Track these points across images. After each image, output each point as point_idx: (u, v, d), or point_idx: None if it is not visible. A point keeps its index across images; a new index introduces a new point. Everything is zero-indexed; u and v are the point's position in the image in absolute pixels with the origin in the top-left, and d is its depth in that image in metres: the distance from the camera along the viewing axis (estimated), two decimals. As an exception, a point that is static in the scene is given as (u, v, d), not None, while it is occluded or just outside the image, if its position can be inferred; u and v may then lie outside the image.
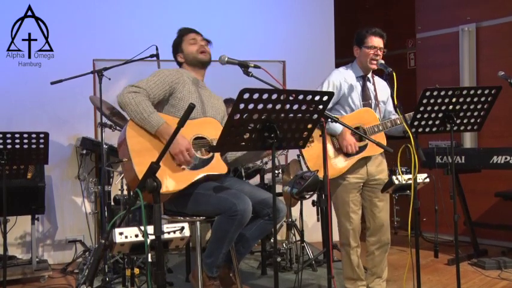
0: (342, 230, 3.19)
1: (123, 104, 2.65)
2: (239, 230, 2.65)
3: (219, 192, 2.66)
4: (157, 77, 2.76)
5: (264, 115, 2.14)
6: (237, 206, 2.55)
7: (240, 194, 2.64)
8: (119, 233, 1.91)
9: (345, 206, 3.13)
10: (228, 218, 2.58)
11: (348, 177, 3.11)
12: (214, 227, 2.70)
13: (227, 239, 2.64)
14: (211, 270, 2.75)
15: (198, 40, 2.96)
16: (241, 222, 2.58)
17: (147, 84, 2.71)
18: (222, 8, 5.03)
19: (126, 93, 2.65)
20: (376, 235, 3.20)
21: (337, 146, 3.12)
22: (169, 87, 2.77)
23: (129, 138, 2.61)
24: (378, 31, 3.13)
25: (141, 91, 2.67)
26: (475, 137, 5.09)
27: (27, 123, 4.34)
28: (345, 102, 3.15)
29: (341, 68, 3.25)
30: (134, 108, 2.62)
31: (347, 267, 3.21)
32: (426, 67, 5.54)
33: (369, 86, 3.20)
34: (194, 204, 2.70)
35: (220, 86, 3.17)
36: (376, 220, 3.18)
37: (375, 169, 3.16)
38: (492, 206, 4.96)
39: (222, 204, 2.60)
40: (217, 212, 2.65)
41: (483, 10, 5.10)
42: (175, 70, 2.87)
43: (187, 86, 2.83)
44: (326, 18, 5.42)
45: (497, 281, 3.78)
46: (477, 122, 2.76)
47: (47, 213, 4.46)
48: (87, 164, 4.64)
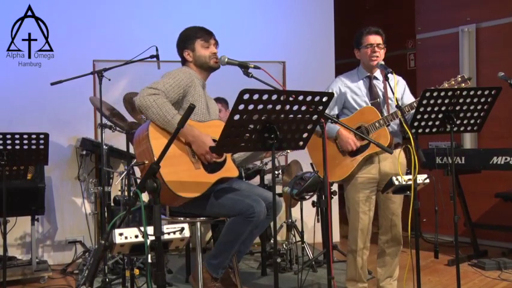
0: (350, 229, 3.19)
1: (143, 107, 2.58)
2: (255, 232, 2.70)
3: (234, 194, 2.69)
4: (173, 79, 2.71)
5: (264, 116, 2.14)
6: (254, 208, 2.58)
7: (255, 196, 2.67)
8: (118, 233, 1.91)
9: (354, 206, 3.13)
10: (244, 220, 2.60)
11: (358, 176, 3.11)
12: (227, 228, 2.71)
13: (240, 240, 2.67)
14: (216, 271, 2.76)
15: (213, 46, 2.91)
16: (256, 224, 2.62)
17: (164, 86, 2.66)
18: (222, 8, 5.03)
19: (146, 96, 2.59)
20: (387, 234, 3.21)
21: (341, 148, 3.13)
22: (183, 90, 2.74)
23: (152, 139, 2.56)
24: (372, 29, 3.14)
25: (160, 93, 2.62)
26: (475, 137, 5.09)
27: (27, 123, 4.34)
28: (350, 106, 3.17)
29: (342, 75, 3.27)
30: (157, 111, 2.57)
31: (351, 268, 3.21)
32: (426, 68, 5.54)
33: (377, 84, 3.19)
34: (211, 206, 2.70)
35: (220, 86, 3.17)
36: (388, 221, 3.19)
37: (388, 168, 3.10)
38: (492, 206, 4.95)
39: (239, 205, 2.62)
40: (233, 214, 2.66)
41: (483, 11, 5.10)
42: (187, 72, 2.82)
43: (197, 88, 2.82)
44: (326, 19, 5.42)
45: (497, 282, 3.78)
46: (477, 123, 2.76)
47: (47, 214, 4.46)
48: (87, 165, 4.64)
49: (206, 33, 2.92)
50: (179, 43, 2.95)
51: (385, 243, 3.23)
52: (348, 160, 3.10)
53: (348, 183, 3.15)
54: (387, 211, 3.18)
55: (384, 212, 3.20)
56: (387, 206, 3.18)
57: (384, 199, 3.17)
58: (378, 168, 3.11)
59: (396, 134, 3.15)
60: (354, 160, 3.08)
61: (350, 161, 3.10)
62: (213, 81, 3.09)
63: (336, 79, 3.26)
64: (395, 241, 3.21)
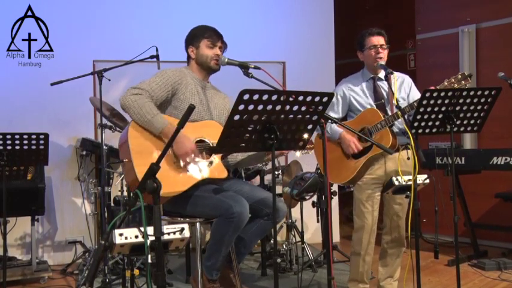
0: (355, 229, 3.19)
1: (125, 107, 2.64)
2: (237, 233, 2.64)
3: (216, 194, 2.66)
4: (160, 77, 2.74)
5: (264, 116, 2.14)
6: (234, 208, 2.54)
7: (237, 197, 2.63)
8: (118, 234, 1.91)
9: (359, 206, 3.14)
10: (225, 221, 2.57)
11: (363, 177, 3.12)
12: (212, 229, 2.70)
13: (225, 241, 2.63)
14: (210, 273, 2.75)
15: (218, 48, 2.91)
16: (238, 224, 2.57)
17: (150, 85, 2.69)
18: (222, 8, 5.03)
19: (129, 96, 2.64)
20: (391, 234, 3.21)
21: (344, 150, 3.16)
22: (171, 87, 2.75)
23: (131, 138, 2.61)
24: (375, 30, 3.14)
25: (143, 93, 2.65)
26: (475, 138, 5.09)
27: (27, 124, 4.34)
28: (355, 109, 3.17)
29: (347, 78, 3.28)
30: (137, 111, 2.61)
31: (354, 268, 3.21)
32: (426, 68, 5.54)
33: (381, 85, 3.18)
34: (192, 205, 2.70)
35: (220, 87, 3.16)
36: (392, 222, 3.20)
37: (396, 167, 3.08)
38: (492, 207, 4.95)
39: (219, 206, 2.59)
40: (214, 214, 2.64)
41: (483, 11, 5.10)
42: (178, 70, 2.84)
43: (190, 87, 2.82)
44: (326, 19, 5.42)
45: (498, 282, 3.78)
46: (477, 123, 2.76)
47: (47, 214, 4.45)
48: (87, 165, 4.64)
49: (215, 35, 2.92)
50: (187, 39, 2.97)
51: (387, 243, 3.24)
52: (352, 162, 3.13)
53: (355, 185, 3.18)
54: (391, 211, 3.19)
55: (388, 212, 3.21)
56: (391, 206, 3.18)
57: (388, 199, 3.18)
58: (383, 168, 3.11)
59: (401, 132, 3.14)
60: (358, 162, 3.10)
61: (354, 163, 3.12)
62: (213, 81, 3.10)
63: (340, 82, 3.28)
64: (397, 242, 3.21)
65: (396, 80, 3.19)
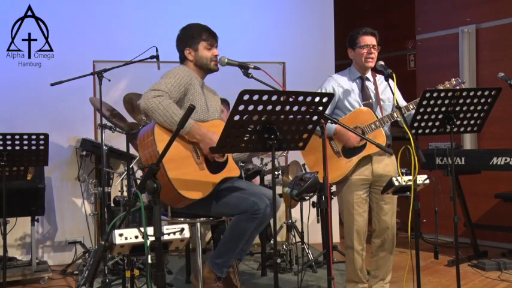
0: (346, 231, 3.17)
1: (149, 110, 2.57)
2: (259, 229, 2.72)
3: (238, 193, 2.72)
4: (173, 78, 2.70)
5: (263, 116, 2.14)
6: (259, 205, 2.61)
7: (259, 194, 2.69)
8: (118, 234, 1.91)
9: (349, 207, 3.11)
10: (249, 217, 2.63)
11: (352, 177, 3.09)
12: (231, 226, 2.72)
13: (245, 238, 2.69)
14: (221, 271, 2.76)
15: (215, 48, 2.90)
16: (261, 221, 2.65)
17: (167, 86, 2.65)
18: (222, 8, 5.03)
19: (151, 98, 2.57)
20: (381, 237, 3.18)
21: (336, 149, 3.11)
22: (184, 88, 2.74)
23: (158, 142, 2.55)
24: (368, 30, 3.13)
25: (164, 94, 2.61)
26: (475, 138, 5.09)
27: (27, 124, 4.34)
28: (343, 106, 3.14)
29: (335, 74, 3.25)
30: (163, 113, 2.56)
31: (350, 269, 3.18)
32: (426, 68, 5.54)
33: (369, 86, 3.18)
34: (215, 206, 2.72)
35: (220, 87, 3.16)
36: (381, 223, 3.16)
37: (381, 169, 3.10)
38: (492, 207, 4.95)
39: (244, 204, 2.65)
40: (238, 212, 2.68)
41: (483, 12, 5.10)
42: (187, 70, 2.81)
43: (196, 87, 2.82)
44: (326, 19, 5.42)
45: (498, 283, 3.78)
46: (477, 124, 2.76)
47: (47, 214, 4.46)
48: (87, 166, 4.64)
49: (211, 36, 2.89)
50: (182, 40, 2.90)
51: (378, 246, 3.20)
52: (343, 162, 3.08)
53: (343, 185, 3.12)
54: (380, 212, 3.16)
55: (378, 214, 3.17)
56: (381, 207, 3.15)
57: (377, 200, 3.16)
58: (370, 169, 3.10)
59: (388, 135, 3.14)
60: (350, 162, 3.07)
61: (345, 162, 3.07)
62: (213, 81, 3.09)
63: (328, 78, 3.22)
64: (388, 244, 3.17)
65: (381, 82, 3.21)
